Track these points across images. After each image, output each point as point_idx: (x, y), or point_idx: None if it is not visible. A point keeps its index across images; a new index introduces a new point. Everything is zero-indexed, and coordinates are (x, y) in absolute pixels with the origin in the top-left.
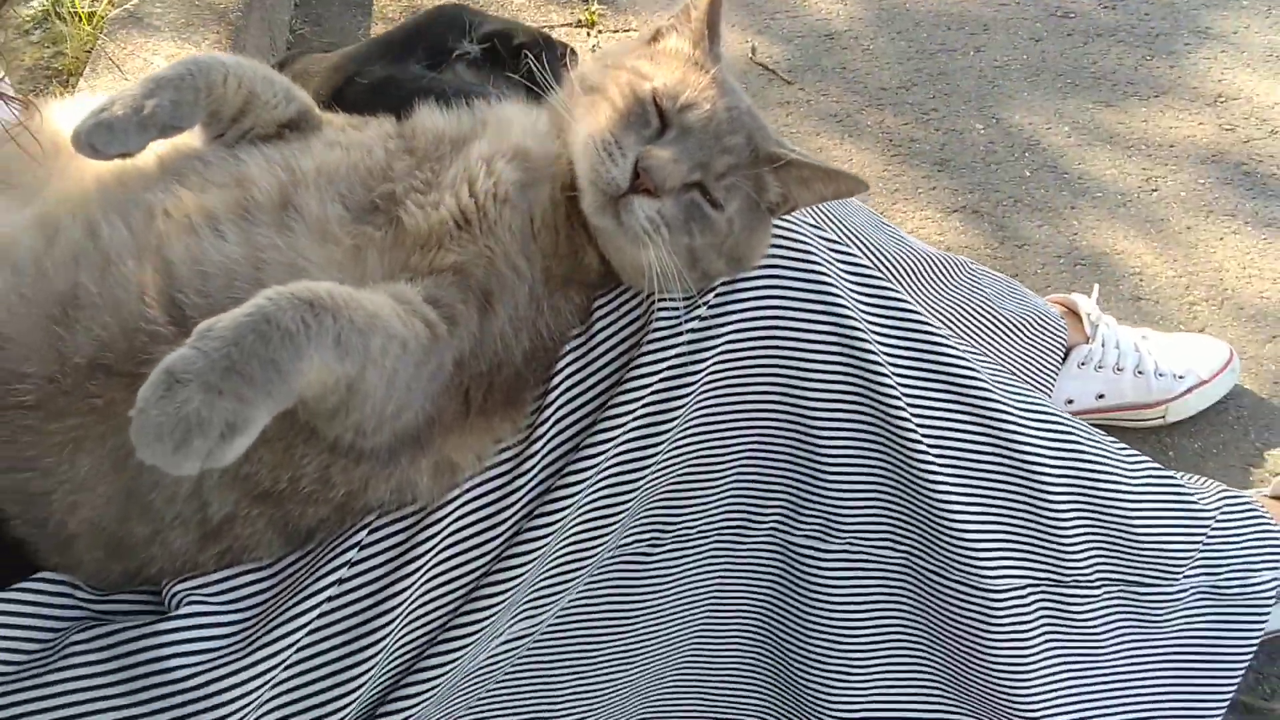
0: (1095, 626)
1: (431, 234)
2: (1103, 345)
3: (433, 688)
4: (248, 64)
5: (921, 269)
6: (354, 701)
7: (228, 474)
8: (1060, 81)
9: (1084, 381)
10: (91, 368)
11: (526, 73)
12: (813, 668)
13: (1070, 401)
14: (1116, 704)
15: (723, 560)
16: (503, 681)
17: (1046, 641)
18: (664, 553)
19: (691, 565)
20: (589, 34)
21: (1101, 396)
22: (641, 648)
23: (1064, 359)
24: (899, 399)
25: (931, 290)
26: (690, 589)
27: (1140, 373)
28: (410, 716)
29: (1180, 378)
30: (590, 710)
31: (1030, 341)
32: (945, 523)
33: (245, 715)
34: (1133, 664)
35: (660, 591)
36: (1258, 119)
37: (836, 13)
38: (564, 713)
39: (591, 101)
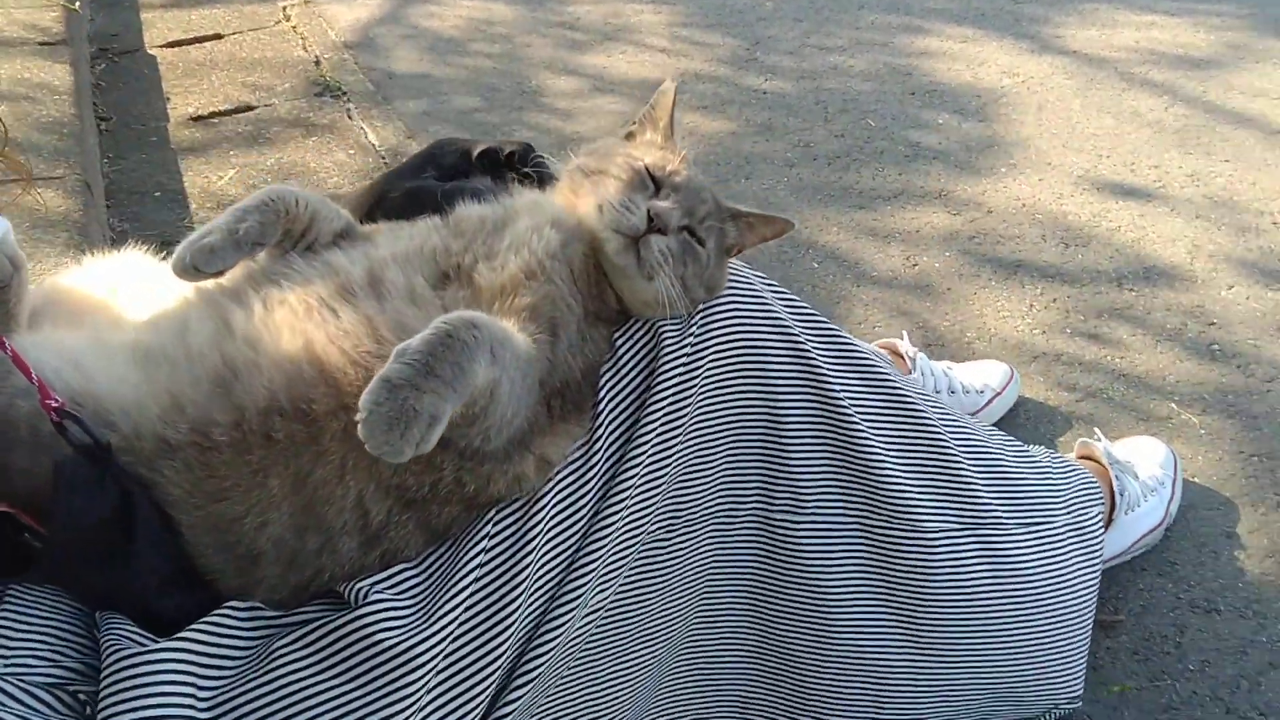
0: (1024, 561)
1: (505, 286)
2: (921, 374)
3: (552, 648)
4: (306, 191)
5: None
6: (503, 658)
7: (382, 486)
8: (819, 195)
9: None
10: (268, 412)
11: (535, 172)
12: (792, 623)
13: None
14: (1032, 622)
15: (718, 539)
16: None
17: (980, 571)
18: (675, 537)
19: (696, 545)
20: None
21: None
22: (664, 626)
23: None
24: (838, 388)
25: None
26: (695, 567)
27: (952, 392)
28: (539, 672)
29: (980, 392)
30: (625, 698)
31: None
32: (883, 485)
33: (432, 677)
34: (1050, 588)
35: (675, 571)
36: (974, 204)
37: None
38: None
39: (596, 180)
